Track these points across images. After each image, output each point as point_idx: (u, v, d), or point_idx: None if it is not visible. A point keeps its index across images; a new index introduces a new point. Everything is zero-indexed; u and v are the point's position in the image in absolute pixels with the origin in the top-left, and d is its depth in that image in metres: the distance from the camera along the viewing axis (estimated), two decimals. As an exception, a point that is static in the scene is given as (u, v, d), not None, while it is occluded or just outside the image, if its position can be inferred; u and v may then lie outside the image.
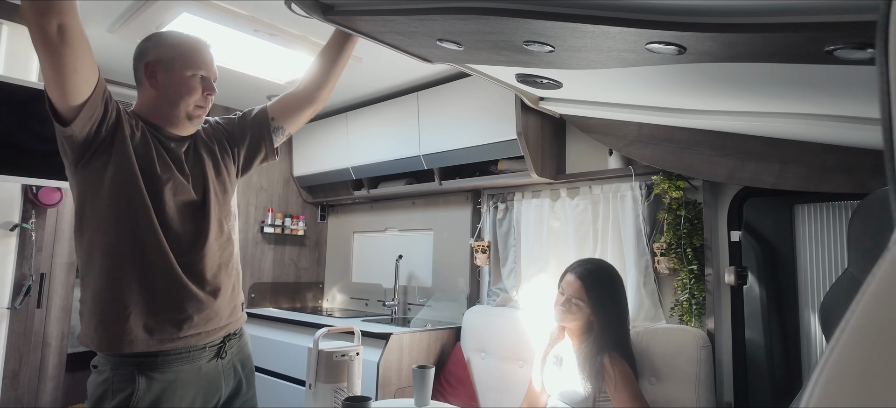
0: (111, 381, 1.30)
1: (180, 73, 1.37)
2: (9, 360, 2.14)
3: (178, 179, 1.38)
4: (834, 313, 0.89)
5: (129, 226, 1.31)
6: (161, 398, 1.32)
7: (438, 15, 1.26)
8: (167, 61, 1.37)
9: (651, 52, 1.24)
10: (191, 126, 1.44)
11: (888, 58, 0.37)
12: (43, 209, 2.25)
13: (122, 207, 1.30)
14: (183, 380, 1.36)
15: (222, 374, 1.45)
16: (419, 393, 1.76)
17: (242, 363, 1.52)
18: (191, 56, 1.38)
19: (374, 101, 3.26)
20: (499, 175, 2.78)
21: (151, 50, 1.38)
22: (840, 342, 0.32)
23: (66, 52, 1.13)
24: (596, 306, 1.89)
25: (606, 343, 1.86)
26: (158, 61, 1.37)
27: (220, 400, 1.46)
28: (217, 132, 1.56)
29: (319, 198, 3.86)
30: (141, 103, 1.41)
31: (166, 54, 1.37)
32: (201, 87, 1.40)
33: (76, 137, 1.26)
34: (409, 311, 3.32)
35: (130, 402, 1.28)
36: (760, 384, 2.04)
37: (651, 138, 2.13)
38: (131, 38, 2.35)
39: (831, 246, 1.96)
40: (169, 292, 1.34)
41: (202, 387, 1.40)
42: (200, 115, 1.43)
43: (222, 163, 1.51)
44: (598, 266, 1.99)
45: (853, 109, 1.48)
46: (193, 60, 1.38)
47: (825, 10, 0.93)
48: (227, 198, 1.51)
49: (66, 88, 1.19)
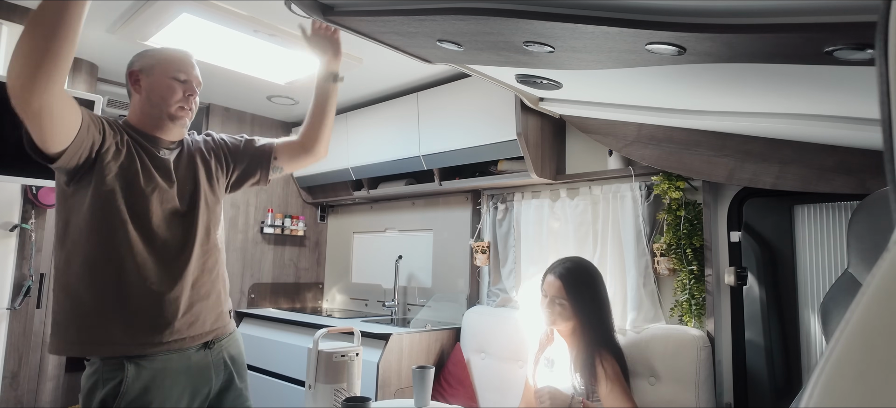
0: (101, 371, 1.33)
1: (160, 77, 1.45)
2: (8, 360, 2.14)
3: (163, 187, 1.44)
4: (834, 314, 0.89)
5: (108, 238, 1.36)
6: (150, 387, 1.35)
7: (438, 15, 1.26)
8: (148, 68, 1.46)
9: (650, 53, 1.24)
10: (176, 128, 1.50)
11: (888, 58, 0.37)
12: (43, 210, 2.25)
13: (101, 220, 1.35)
14: (172, 369, 1.40)
15: (212, 366, 1.48)
16: (419, 394, 1.76)
17: (232, 358, 1.55)
18: (170, 62, 1.47)
19: (374, 101, 3.26)
20: (499, 175, 2.78)
21: (136, 62, 1.49)
22: (840, 342, 0.33)
23: (46, 122, 1.20)
24: (577, 303, 1.90)
25: (594, 341, 1.87)
26: (141, 69, 1.47)
27: (210, 392, 1.48)
28: (218, 146, 1.64)
29: (319, 198, 3.86)
30: (131, 113, 1.49)
31: (147, 63, 1.47)
32: (182, 89, 1.47)
33: (66, 167, 1.32)
34: (409, 311, 3.32)
35: (119, 389, 1.32)
36: (760, 385, 2.04)
37: (651, 139, 2.14)
38: (131, 38, 2.35)
39: (831, 247, 1.96)
40: (148, 299, 1.38)
41: (191, 376, 1.43)
42: (183, 116, 1.49)
43: (215, 173, 1.58)
44: (575, 264, 1.99)
45: (853, 109, 1.48)
46: (173, 66, 1.47)
47: (825, 11, 0.93)
48: (217, 207, 1.57)
49: (48, 142, 1.25)
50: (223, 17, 2.11)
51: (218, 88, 3.12)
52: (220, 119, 3.47)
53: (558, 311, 1.91)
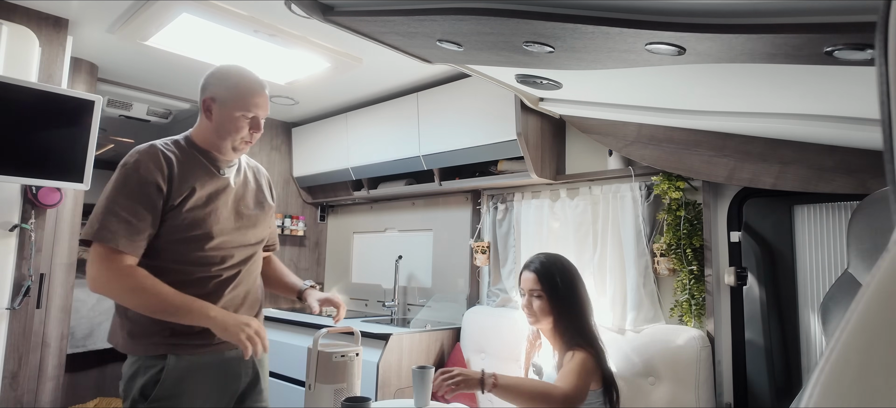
0: (143, 360, 1.44)
1: (231, 112, 1.51)
2: (8, 360, 2.14)
3: (220, 204, 1.54)
4: (834, 314, 0.89)
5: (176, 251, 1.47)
6: (185, 379, 1.45)
7: (438, 15, 1.26)
8: (221, 101, 1.51)
9: (650, 53, 1.24)
10: (236, 155, 1.60)
11: (888, 58, 0.37)
12: (42, 210, 2.24)
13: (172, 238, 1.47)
14: (207, 365, 1.49)
15: (242, 366, 1.58)
16: (419, 394, 1.76)
17: (260, 360, 1.66)
18: (242, 97, 1.52)
19: (374, 101, 3.26)
20: (498, 176, 2.78)
21: (211, 86, 1.53)
22: (840, 342, 0.33)
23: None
24: (553, 296, 1.84)
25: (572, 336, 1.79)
26: (214, 98, 1.52)
27: (237, 391, 1.58)
28: (267, 189, 1.75)
29: (319, 198, 3.86)
30: (198, 131, 1.57)
31: (221, 93, 1.52)
32: (248, 125, 1.54)
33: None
34: (409, 311, 3.32)
35: (159, 377, 1.42)
36: (760, 385, 2.03)
37: (651, 139, 2.14)
38: (131, 38, 2.35)
39: (831, 247, 1.96)
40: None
41: (224, 375, 1.53)
42: (245, 148, 1.59)
43: (263, 199, 1.71)
44: (549, 258, 1.94)
45: (853, 109, 1.48)
46: (243, 101, 1.52)
47: (825, 11, 0.93)
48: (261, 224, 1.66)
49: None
50: (223, 17, 2.11)
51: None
52: (220, 119, 3.46)
53: (537, 305, 1.86)
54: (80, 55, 2.69)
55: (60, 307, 2.60)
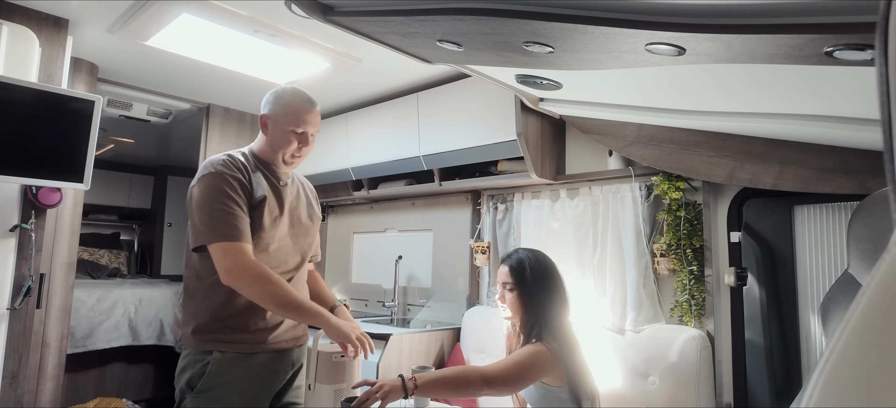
0: (193, 355, 1.55)
1: (282, 128, 1.63)
2: (8, 360, 2.14)
3: (278, 215, 1.64)
4: (834, 314, 0.89)
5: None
6: (228, 371, 1.53)
7: (438, 16, 1.26)
8: (274, 117, 1.64)
9: (650, 53, 1.24)
10: (288, 168, 1.71)
11: (888, 59, 0.37)
12: (42, 210, 2.24)
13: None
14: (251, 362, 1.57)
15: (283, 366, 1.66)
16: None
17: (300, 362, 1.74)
18: (292, 115, 1.63)
19: (374, 101, 3.26)
20: (499, 176, 2.78)
21: (268, 104, 1.67)
22: (840, 342, 0.33)
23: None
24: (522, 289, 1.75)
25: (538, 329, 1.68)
26: (269, 115, 1.65)
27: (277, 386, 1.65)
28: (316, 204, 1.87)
29: (319, 198, 3.86)
30: (258, 145, 1.70)
31: (275, 111, 1.65)
32: (297, 141, 1.65)
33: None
34: (409, 311, 3.32)
35: (205, 370, 1.52)
36: (760, 385, 2.03)
37: (651, 139, 2.14)
38: (131, 38, 2.35)
39: (831, 247, 1.96)
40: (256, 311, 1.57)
41: (267, 373, 1.60)
42: (295, 161, 1.69)
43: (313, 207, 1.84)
44: (526, 252, 1.84)
45: (853, 109, 1.48)
46: (293, 119, 1.63)
47: (825, 11, 0.93)
48: (314, 232, 1.79)
49: None
50: (223, 17, 2.11)
51: (218, 89, 3.11)
52: (220, 119, 3.45)
53: (509, 298, 1.77)
54: (80, 55, 2.69)
55: (60, 307, 2.60)
